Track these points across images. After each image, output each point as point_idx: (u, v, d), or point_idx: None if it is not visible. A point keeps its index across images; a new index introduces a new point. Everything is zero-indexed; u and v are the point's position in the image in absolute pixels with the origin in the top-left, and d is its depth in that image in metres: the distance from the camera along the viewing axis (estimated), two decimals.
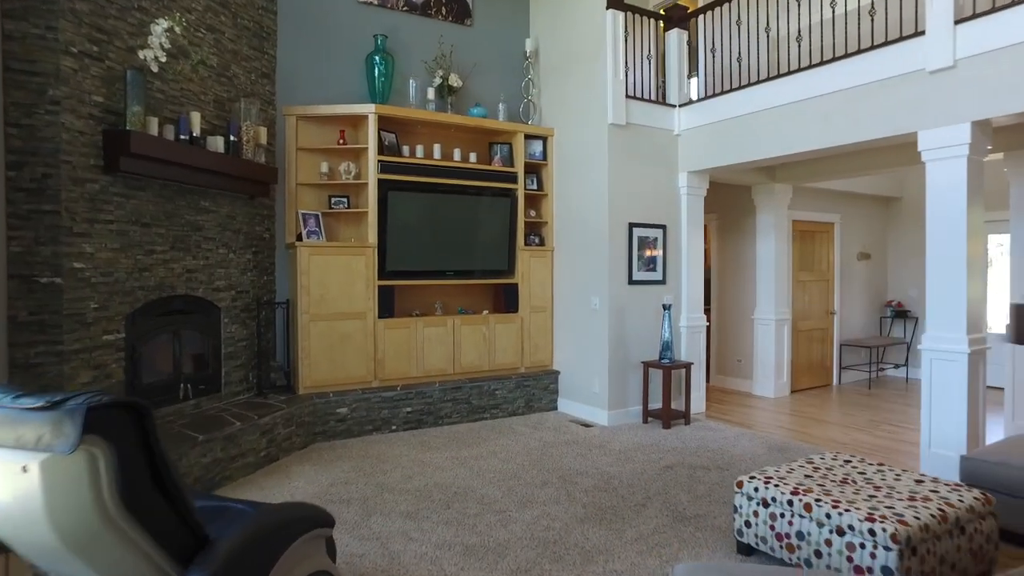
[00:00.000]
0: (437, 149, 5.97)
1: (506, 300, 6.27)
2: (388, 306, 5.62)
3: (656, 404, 5.98)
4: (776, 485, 2.93)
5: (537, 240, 6.52)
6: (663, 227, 6.08)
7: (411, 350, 5.72)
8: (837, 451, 3.59)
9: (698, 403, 6.30)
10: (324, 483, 4.14)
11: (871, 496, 2.77)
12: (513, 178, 6.25)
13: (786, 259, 7.27)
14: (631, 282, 5.88)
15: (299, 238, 5.33)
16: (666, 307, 5.75)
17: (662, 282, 6.09)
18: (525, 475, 4.31)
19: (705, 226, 7.96)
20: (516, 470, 4.42)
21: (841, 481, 2.98)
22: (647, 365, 5.81)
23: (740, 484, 3.06)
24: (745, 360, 7.51)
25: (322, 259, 5.29)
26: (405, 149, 5.82)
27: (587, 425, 5.77)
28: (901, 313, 8.43)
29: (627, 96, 5.78)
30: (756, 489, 2.98)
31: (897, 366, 8.39)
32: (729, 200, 7.70)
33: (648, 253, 6.00)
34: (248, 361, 5.04)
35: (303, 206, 5.51)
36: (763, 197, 7.17)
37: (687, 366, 5.78)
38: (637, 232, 5.92)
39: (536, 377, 6.29)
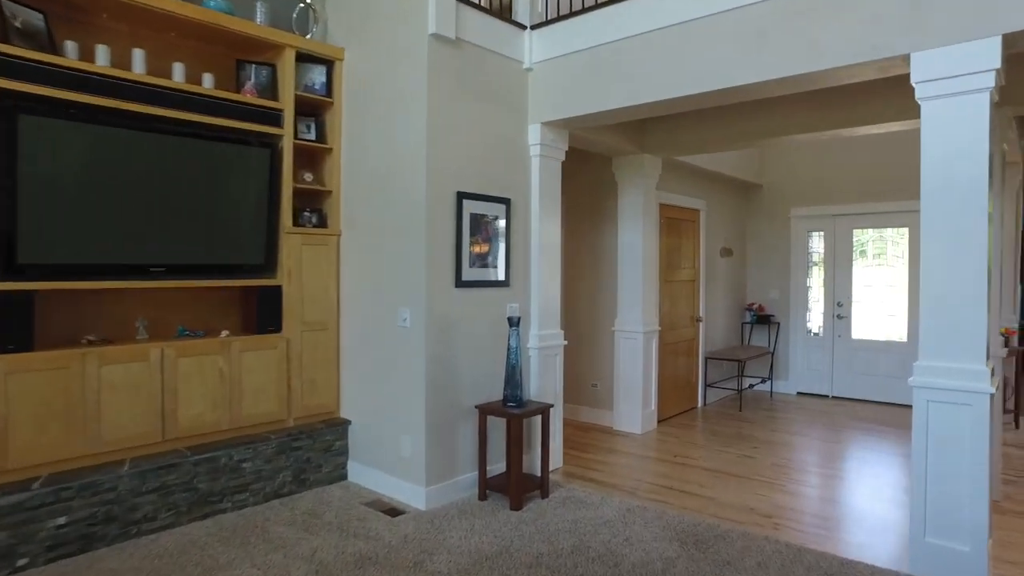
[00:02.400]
0: (139, 57, 3.55)
1: (262, 313, 4.01)
2: (19, 330, 3.10)
3: (499, 465, 4.12)
4: None
5: (316, 219, 4.33)
6: (506, 202, 4.22)
7: (72, 409, 3.24)
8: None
9: (554, 453, 4.55)
10: None
11: None
12: (276, 119, 4.01)
13: (654, 253, 5.81)
14: (460, 283, 3.94)
15: None
16: (514, 322, 3.89)
17: (504, 284, 4.23)
18: None
19: None
20: None
21: None
22: (485, 411, 3.92)
23: None
24: (603, 385, 5.94)
25: None
26: (69, 47, 3.32)
27: (394, 512, 3.73)
28: (763, 318, 7.49)
29: None
30: None
31: (764, 379, 7.41)
32: (583, 175, 6.08)
33: (480, 249, 4.10)
34: None
35: None
36: (628, 171, 5.64)
37: (544, 410, 3.97)
38: (470, 207, 3.99)
39: (312, 433, 4.11)
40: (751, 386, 7.36)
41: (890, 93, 4.22)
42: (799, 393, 7.43)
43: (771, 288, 7.66)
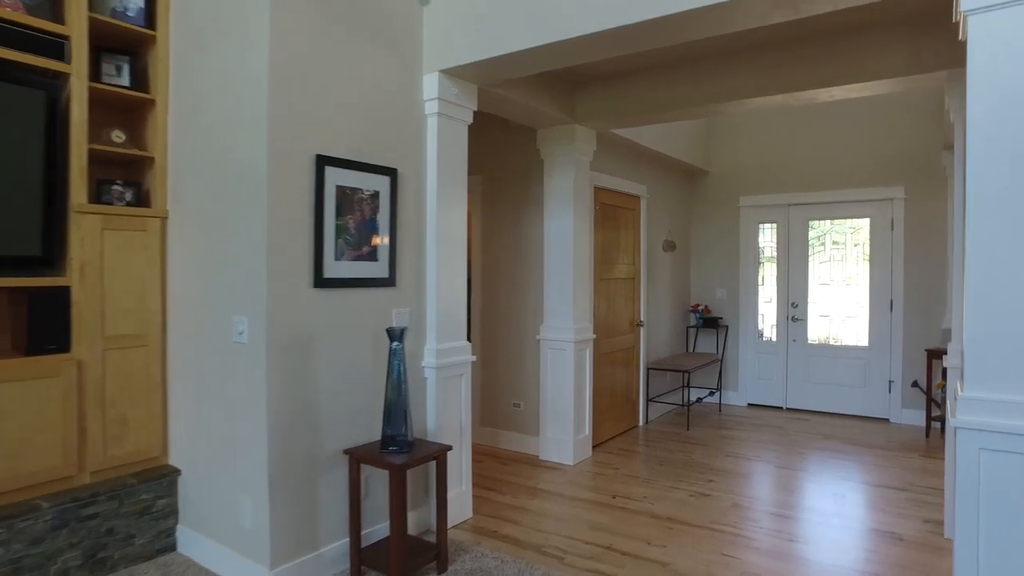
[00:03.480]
0: None
1: (36, 327, 2.84)
2: None
3: (381, 526, 3.10)
4: None
5: (132, 195, 3.20)
6: (390, 173, 3.20)
7: None
8: None
9: (461, 502, 3.55)
10: None
11: None
12: (56, 49, 2.87)
13: (587, 246, 4.89)
14: (322, 283, 2.89)
15: None
16: (396, 334, 2.87)
17: (388, 282, 3.20)
18: None
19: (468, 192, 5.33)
20: None
21: None
22: (358, 458, 2.88)
23: None
24: (528, 405, 4.99)
25: None
26: None
27: None
28: (710, 321, 6.71)
29: None
30: None
31: (712, 391, 6.62)
32: (502, 149, 5.11)
33: (354, 235, 3.07)
34: None
35: None
36: (557, 146, 4.69)
37: (440, 454, 2.96)
38: (337, 177, 2.94)
39: (119, 492, 2.98)
40: (699, 400, 6.57)
41: (865, 46, 3.44)
42: (750, 405, 6.69)
43: (718, 287, 6.90)
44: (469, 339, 5.40)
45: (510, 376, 5.11)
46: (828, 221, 6.32)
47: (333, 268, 2.93)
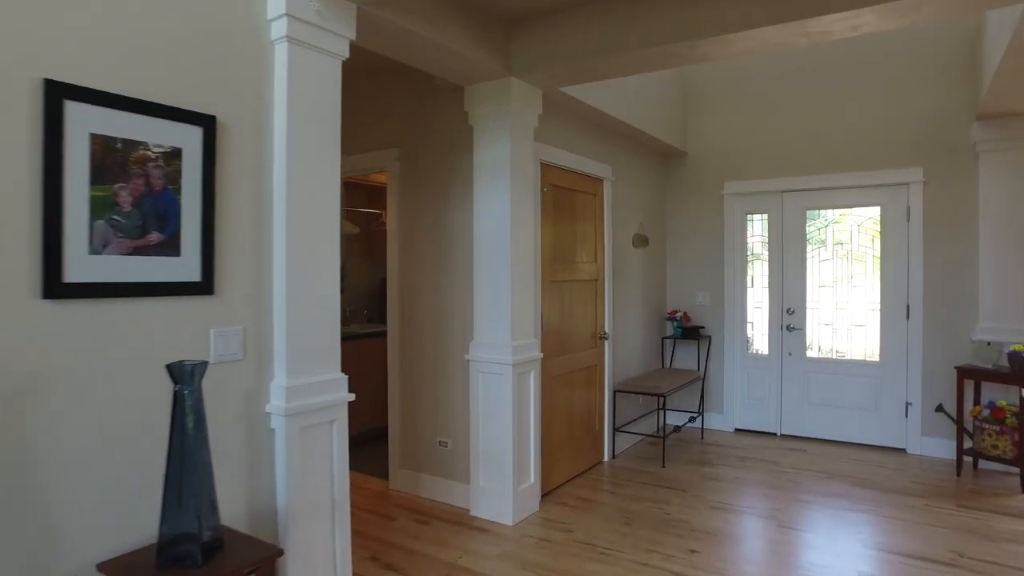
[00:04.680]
0: None
1: None
2: None
3: None
4: None
5: None
6: (204, 122, 2.11)
7: None
8: None
9: None
10: None
11: None
12: None
13: (531, 238, 3.84)
14: (60, 291, 1.80)
15: None
16: (183, 373, 1.78)
17: (199, 289, 2.13)
18: None
19: (382, 171, 4.26)
20: None
21: None
22: (120, 572, 1.78)
23: None
24: (457, 444, 3.93)
25: None
26: None
27: None
28: (690, 331, 5.71)
29: None
30: None
31: (693, 417, 5.60)
32: (424, 117, 4.06)
33: (131, 213, 1.98)
34: None
35: None
36: (490, 106, 3.65)
37: (262, 565, 1.87)
38: (91, 120, 1.85)
39: None
40: (676, 428, 5.53)
41: None
42: (738, 431, 5.69)
43: (699, 290, 5.90)
44: (385, 356, 4.34)
45: (434, 406, 4.05)
46: (830, 211, 5.34)
47: (85, 266, 1.84)
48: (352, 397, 2.55)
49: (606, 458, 4.90)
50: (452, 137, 3.92)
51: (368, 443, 5.29)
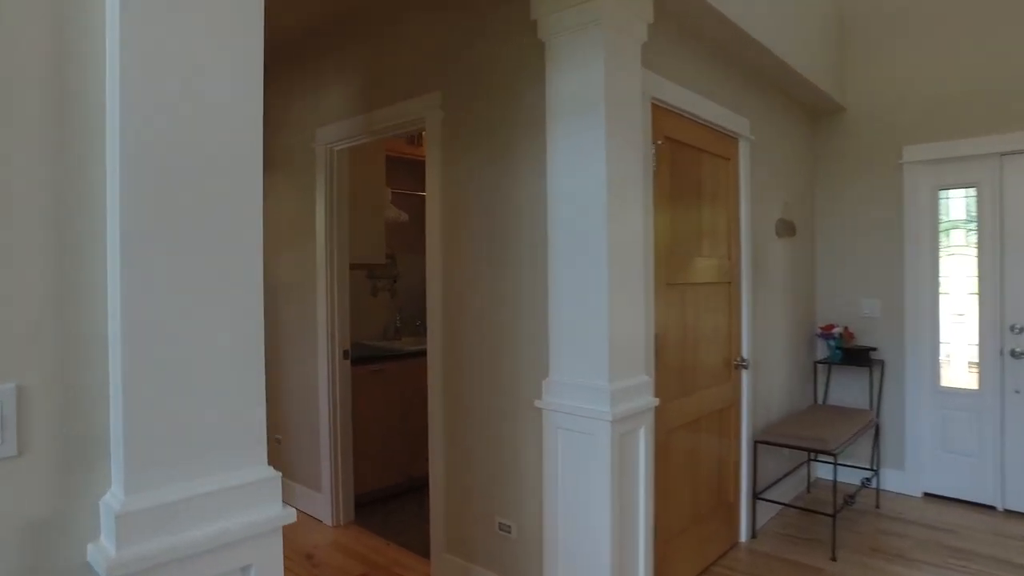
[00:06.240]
0: None
1: None
2: None
3: None
4: None
5: None
6: None
7: None
8: None
9: None
10: None
11: None
12: None
13: (641, 217, 2.48)
14: None
15: None
16: None
17: None
18: None
19: (420, 134, 3.05)
20: None
21: None
22: None
23: None
24: (525, 528, 2.64)
25: None
26: None
27: None
28: (854, 353, 4.17)
29: None
30: None
31: (867, 480, 4.03)
32: (469, 39, 2.79)
33: None
34: None
35: None
36: (572, 11, 2.32)
37: None
38: None
39: None
40: (849, 501, 3.90)
41: None
42: (928, 495, 4.09)
43: (865, 296, 4.33)
44: (426, 393, 3.13)
45: (491, 470, 2.77)
46: None
47: None
48: (291, 520, 1.30)
49: (743, 537, 3.47)
50: (514, 66, 2.64)
51: (414, 495, 4.09)
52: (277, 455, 4.02)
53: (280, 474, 1.28)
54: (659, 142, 2.73)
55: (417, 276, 4.94)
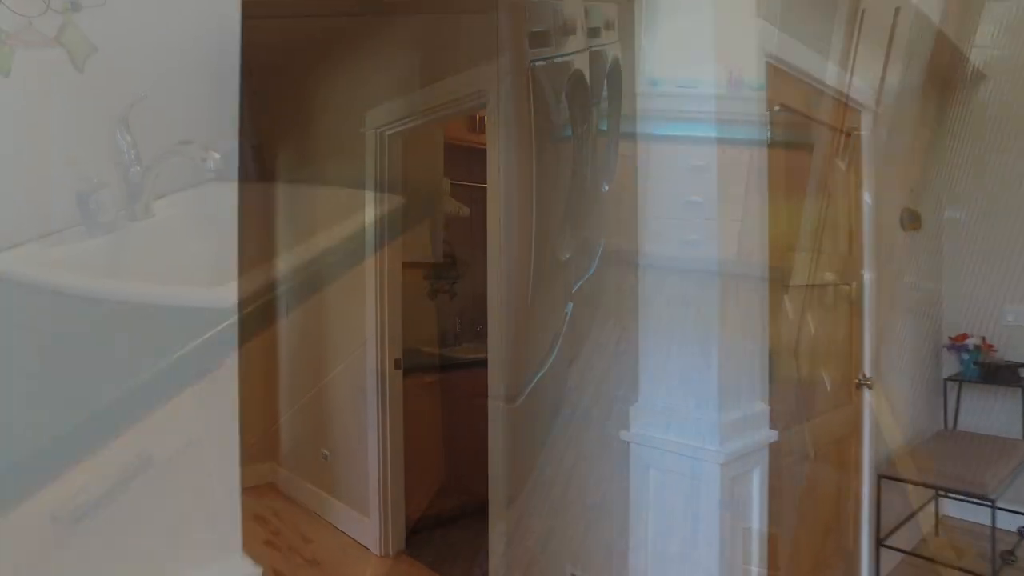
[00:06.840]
0: None
1: None
2: None
3: None
4: None
5: None
6: None
7: None
8: None
9: None
10: None
11: None
12: None
13: (758, 200, 1.98)
14: None
15: None
16: None
17: None
18: None
19: (477, 116, 2.66)
20: None
21: None
22: None
23: None
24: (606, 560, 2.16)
25: None
26: None
27: None
28: (995, 370, 3.51)
29: None
30: None
31: (1021, 533, 3.36)
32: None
33: None
34: None
35: None
36: None
37: None
38: None
39: None
40: (1009, 557, 3.20)
41: None
42: None
43: (1008, 302, 3.65)
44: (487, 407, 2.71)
45: (563, 513, 2.30)
46: None
47: None
48: None
49: None
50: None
51: (471, 521, 3.67)
52: (324, 472, 3.68)
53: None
54: (776, 108, 2.20)
55: (481, 276, 4.51)
